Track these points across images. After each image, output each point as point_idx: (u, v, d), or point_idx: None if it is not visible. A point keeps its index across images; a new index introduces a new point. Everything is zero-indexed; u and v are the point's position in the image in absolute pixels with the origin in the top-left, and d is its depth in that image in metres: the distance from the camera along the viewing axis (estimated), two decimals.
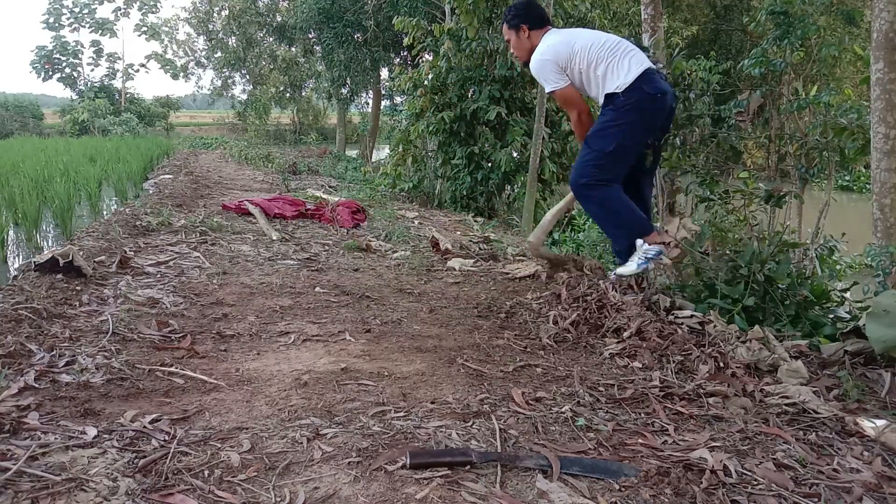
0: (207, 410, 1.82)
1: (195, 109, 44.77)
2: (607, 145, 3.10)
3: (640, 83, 3.05)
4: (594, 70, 3.17)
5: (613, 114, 3.11)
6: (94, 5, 27.37)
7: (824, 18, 5.01)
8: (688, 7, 15.88)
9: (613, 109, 3.12)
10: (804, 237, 4.12)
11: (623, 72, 3.09)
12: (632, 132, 3.10)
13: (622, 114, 3.08)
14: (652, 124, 3.15)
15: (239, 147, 16.17)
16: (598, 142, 3.14)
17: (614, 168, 3.15)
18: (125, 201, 7.01)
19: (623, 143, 3.09)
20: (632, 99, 3.06)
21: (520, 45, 3.41)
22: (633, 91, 3.05)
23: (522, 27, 3.38)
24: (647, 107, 3.07)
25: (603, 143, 3.11)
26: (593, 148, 3.16)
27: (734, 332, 2.54)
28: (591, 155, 3.16)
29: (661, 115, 3.17)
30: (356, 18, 16.92)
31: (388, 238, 4.70)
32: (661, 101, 3.11)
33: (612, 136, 3.10)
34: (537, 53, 3.29)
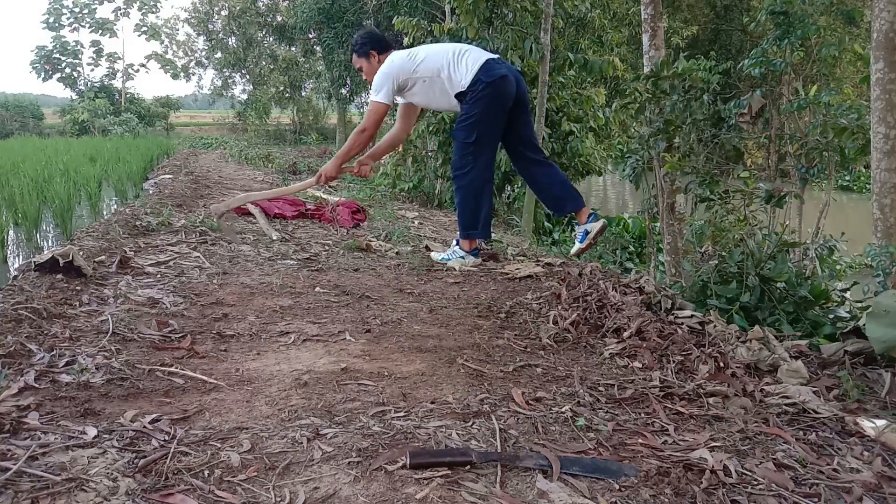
0: (207, 410, 1.82)
1: (195, 109, 44.81)
2: (468, 136, 3.53)
3: (479, 76, 3.45)
4: (439, 75, 3.56)
5: (466, 108, 3.53)
6: (94, 5, 27.39)
7: (824, 18, 5.01)
8: (688, 7, 15.89)
9: (466, 104, 3.53)
10: (804, 237, 4.12)
11: (463, 72, 3.50)
12: (485, 119, 3.49)
13: (472, 106, 3.50)
14: (502, 105, 3.51)
15: (239, 147, 16.18)
16: (461, 134, 3.58)
17: (482, 153, 3.57)
18: (125, 201, 7.01)
19: (482, 131, 3.51)
20: (476, 91, 3.46)
21: (372, 70, 3.74)
22: (475, 84, 3.46)
23: (372, 53, 3.76)
24: (491, 93, 3.46)
25: (465, 135, 3.55)
26: (458, 140, 3.62)
27: (734, 332, 2.54)
28: (458, 147, 3.63)
29: (509, 95, 3.52)
30: (356, 18, 16.93)
31: (388, 238, 4.70)
32: (503, 83, 3.47)
33: (471, 128, 3.51)
34: (384, 66, 3.65)
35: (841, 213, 12.56)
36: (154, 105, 29.41)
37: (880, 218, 3.14)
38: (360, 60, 3.81)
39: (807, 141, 3.84)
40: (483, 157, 3.60)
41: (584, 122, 8.93)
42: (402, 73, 3.59)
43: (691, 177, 3.72)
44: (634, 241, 9.01)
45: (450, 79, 3.53)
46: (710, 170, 3.77)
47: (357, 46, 3.80)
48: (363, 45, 3.77)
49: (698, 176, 3.71)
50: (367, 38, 3.81)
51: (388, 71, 3.60)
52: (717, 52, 11.97)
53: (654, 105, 4.42)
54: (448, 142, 7.20)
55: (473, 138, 3.52)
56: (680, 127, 3.75)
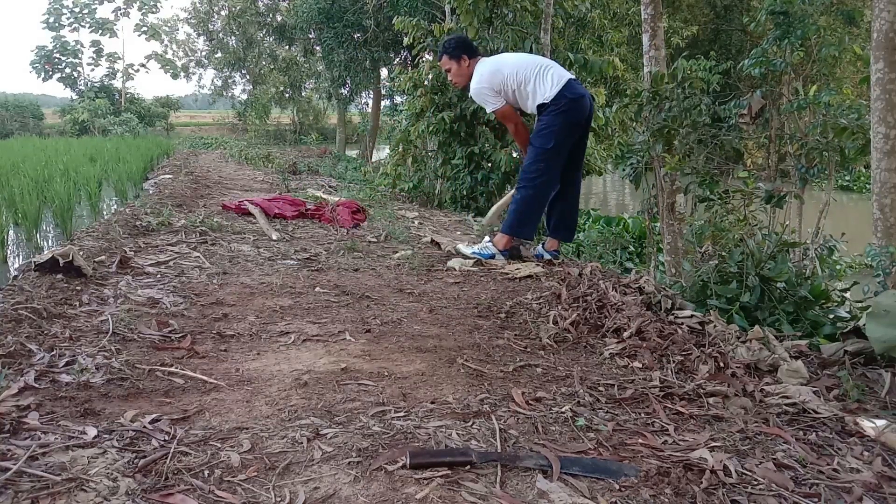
0: (207, 410, 1.82)
1: (195, 109, 44.80)
2: (547, 143, 3.78)
3: (564, 91, 3.75)
4: (524, 88, 3.86)
5: (548, 119, 3.80)
6: (94, 5, 27.35)
7: (824, 18, 5.01)
8: (688, 7, 15.89)
9: (547, 115, 3.80)
10: (804, 237, 4.12)
11: (549, 85, 3.79)
12: (563, 130, 3.78)
13: (553, 118, 3.78)
14: (577, 122, 3.82)
15: (239, 147, 16.17)
16: (539, 141, 3.82)
17: (555, 161, 3.83)
18: (125, 201, 7.01)
19: (559, 140, 3.78)
20: (559, 105, 3.75)
21: (460, 72, 4.07)
22: (559, 99, 3.75)
23: (463, 57, 4.04)
24: (571, 108, 3.76)
25: (543, 142, 3.80)
26: (536, 146, 3.84)
27: (734, 332, 2.54)
28: (535, 153, 3.83)
29: (583, 114, 3.84)
30: (356, 18, 16.92)
31: (387, 238, 4.70)
32: (582, 102, 3.80)
33: (549, 135, 3.78)
34: (475, 82, 3.96)
35: (841, 213, 12.56)
36: (154, 105, 29.37)
37: (880, 218, 3.14)
38: (451, 62, 4.08)
39: (807, 141, 3.84)
40: (555, 165, 3.85)
41: None
42: (494, 82, 3.91)
43: (691, 177, 3.72)
44: (634, 241, 9.01)
45: (534, 92, 3.83)
46: (710, 170, 3.78)
47: (450, 49, 4.09)
48: (456, 48, 4.08)
49: (698, 176, 3.71)
50: (461, 42, 4.15)
51: (481, 85, 3.93)
52: (717, 52, 11.96)
53: (653, 107, 4.42)
54: (448, 142, 7.19)
55: (551, 145, 3.77)
56: (678, 129, 3.75)
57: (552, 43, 7.50)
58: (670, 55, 6.10)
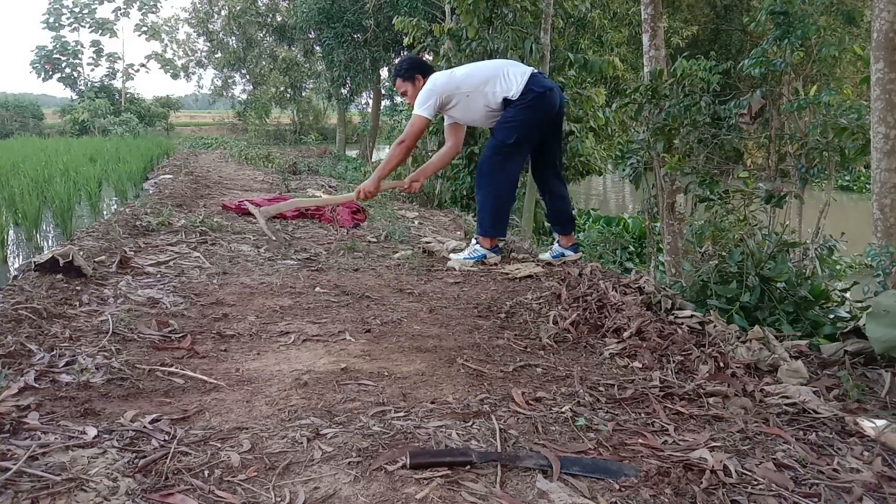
0: (207, 410, 1.82)
1: (195, 109, 44.78)
2: (509, 137, 3.66)
3: (530, 85, 3.63)
4: (483, 88, 3.70)
5: (513, 112, 3.66)
6: (94, 5, 27.33)
7: (824, 18, 5.01)
8: (688, 7, 15.88)
9: (513, 108, 3.66)
10: (804, 237, 4.12)
11: (513, 82, 3.65)
12: (529, 125, 3.66)
13: (520, 111, 3.64)
14: (545, 116, 3.69)
15: (239, 147, 16.16)
16: (501, 133, 3.70)
17: (515, 156, 3.73)
18: (125, 201, 7.01)
19: (522, 135, 3.66)
20: (527, 99, 3.62)
21: (416, 92, 3.85)
22: (525, 93, 3.62)
23: (417, 77, 3.90)
24: (539, 102, 3.63)
25: (505, 136, 3.67)
26: (497, 139, 3.72)
27: (734, 332, 2.54)
28: (494, 144, 3.73)
29: (552, 108, 3.71)
30: (356, 18, 16.91)
31: (387, 238, 4.70)
32: (550, 95, 3.66)
33: (513, 129, 3.66)
34: (428, 82, 3.80)
35: (841, 213, 12.56)
36: (154, 105, 29.36)
37: (880, 218, 3.14)
38: (405, 84, 3.95)
39: (807, 141, 3.84)
40: (514, 161, 3.75)
41: (584, 122, 8.92)
42: (446, 89, 3.74)
43: (691, 177, 3.72)
44: (634, 241, 9.01)
45: (494, 92, 3.69)
46: (710, 170, 3.77)
47: (402, 71, 3.96)
48: (409, 69, 3.94)
49: (698, 176, 3.70)
50: (413, 63, 4.00)
51: (433, 88, 3.75)
52: (717, 52, 11.96)
53: (653, 106, 4.42)
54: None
55: (513, 140, 3.66)
56: (678, 129, 3.75)
57: (552, 43, 7.50)
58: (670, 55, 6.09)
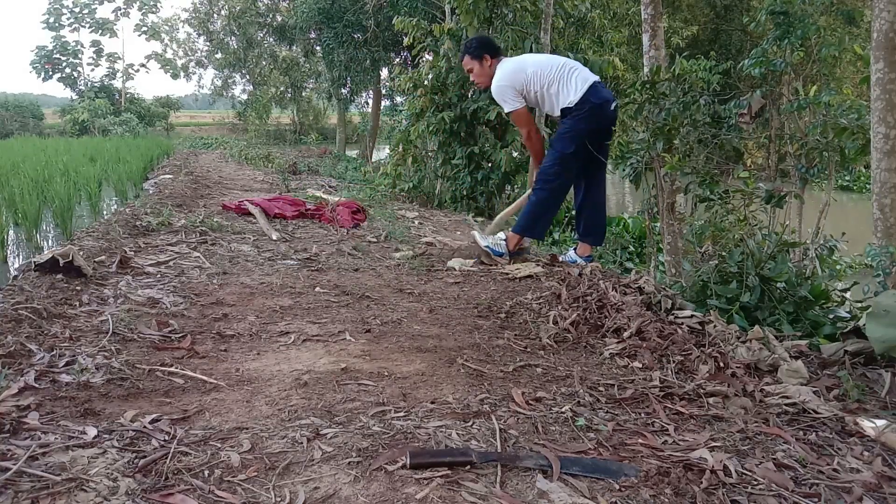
0: (207, 410, 1.82)
1: (195, 109, 44.77)
2: (568, 147, 3.78)
3: (588, 96, 3.72)
4: (547, 90, 3.82)
5: (570, 122, 3.78)
6: (94, 5, 27.33)
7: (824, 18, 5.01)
8: (688, 7, 15.88)
9: (570, 119, 3.78)
10: (804, 237, 4.12)
11: (573, 89, 3.75)
12: (584, 136, 3.75)
13: (577, 122, 3.76)
14: (601, 127, 3.81)
15: (239, 147, 16.17)
16: (560, 144, 3.82)
17: (572, 165, 3.83)
18: (125, 201, 7.01)
19: (579, 145, 3.76)
20: (583, 109, 3.72)
21: (483, 72, 4.01)
22: (583, 103, 3.72)
23: (485, 56, 3.99)
24: (595, 113, 3.74)
25: (564, 146, 3.79)
26: (556, 149, 3.83)
27: (734, 332, 2.54)
28: (555, 155, 3.84)
29: (607, 119, 3.82)
30: (356, 18, 16.91)
31: (387, 238, 4.70)
32: (606, 107, 3.77)
33: (570, 140, 3.77)
34: (496, 80, 3.89)
35: (841, 213, 12.55)
36: (154, 105, 29.36)
37: (880, 218, 3.14)
38: (473, 62, 4.04)
39: (807, 141, 3.84)
40: (573, 169, 3.87)
41: None
42: (516, 83, 3.85)
43: (691, 177, 3.71)
44: (634, 241, 9.00)
45: (558, 94, 3.79)
46: (710, 170, 3.77)
47: (472, 49, 4.06)
48: (478, 48, 4.03)
49: (698, 176, 3.70)
50: (483, 42, 4.11)
51: (503, 83, 3.86)
52: (717, 52, 11.97)
53: (653, 106, 4.41)
54: (448, 142, 7.19)
55: (572, 150, 3.76)
56: (678, 128, 3.74)
57: (552, 43, 7.50)
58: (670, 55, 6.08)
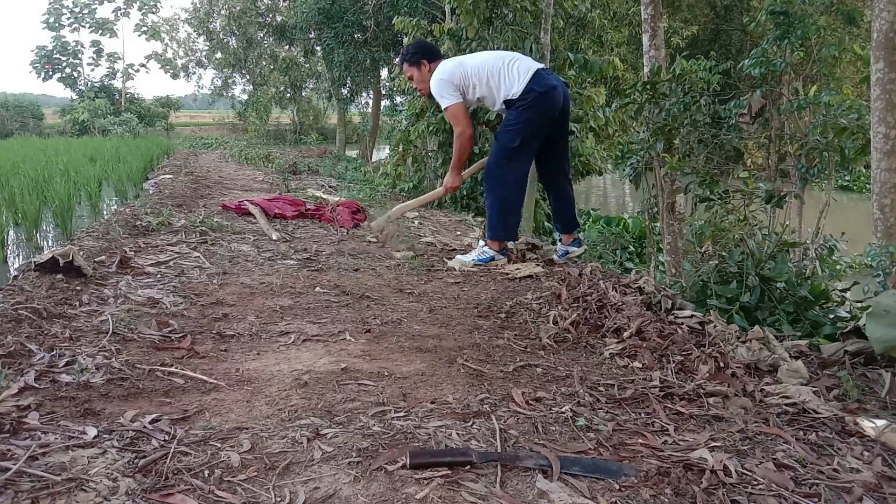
0: (207, 410, 1.82)
1: (195, 109, 44.77)
2: (512, 141, 3.62)
3: (532, 85, 3.54)
4: (488, 83, 3.65)
5: (515, 114, 3.61)
6: (94, 5, 27.33)
7: (824, 18, 5.01)
8: (688, 7, 15.87)
9: (514, 110, 3.61)
10: (804, 237, 4.12)
11: (515, 80, 3.58)
12: (532, 126, 3.59)
13: (521, 112, 3.58)
14: (549, 115, 3.61)
15: (239, 147, 16.16)
16: (504, 137, 3.66)
17: (521, 158, 3.69)
18: (125, 201, 7.01)
19: (525, 138, 3.60)
20: (528, 99, 3.54)
21: (423, 78, 3.84)
22: (527, 93, 3.54)
23: (423, 62, 3.85)
24: (541, 102, 3.55)
25: (509, 139, 3.63)
26: (501, 143, 3.69)
27: (734, 332, 2.54)
28: (499, 149, 3.70)
29: (556, 106, 3.62)
30: (356, 18, 16.90)
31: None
32: (553, 94, 3.57)
33: (516, 132, 3.61)
34: (435, 76, 3.73)
35: (841, 213, 12.55)
36: (154, 105, 29.36)
37: (880, 218, 3.14)
38: (411, 69, 3.91)
39: (807, 141, 3.84)
40: (520, 163, 3.72)
41: (584, 122, 8.92)
42: (456, 77, 3.71)
43: (691, 177, 3.72)
44: (634, 241, 9.00)
45: (499, 86, 3.64)
46: (710, 170, 3.77)
47: (408, 56, 3.92)
48: (414, 54, 3.90)
49: (698, 176, 3.70)
50: (419, 47, 3.97)
51: (443, 77, 3.72)
52: (717, 52, 11.95)
53: (653, 106, 4.42)
54: (448, 142, 7.19)
55: (517, 143, 3.62)
56: (678, 128, 3.75)
57: (552, 43, 7.50)
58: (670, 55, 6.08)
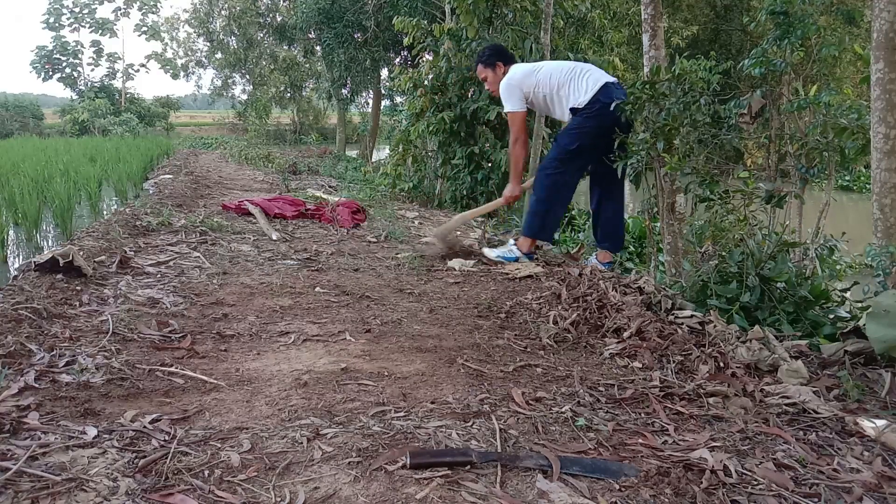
0: (207, 410, 1.82)
1: (195, 109, 44.80)
2: (571, 143, 3.76)
3: (598, 96, 3.70)
4: (557, 92, 3.82)
5: (578, 120, 3.76)
6: (94, 5, 27.36)
7: (824, 18, 5.00)
8: (688, 7, 15.88)
9: (578, 117, 3.76)
10: (804, 237, 4.11)
11: (584, 90, 3.74)
12: (591, 135, 3.73)
13: (584, 120, 3.74)
14: (608, 127, 3.69)
15: (239, 147, 16.16)
16: (564, 139, 3.80)
17: (574, 163, 3.81)
18: (125, 201, 7.01)
19: (583, 144, 3.74)
20: (593, 108, 3.70)
21: (496, 80, 4.00)
22: (592, 103, 3.70)
23: (498, 64, 4.04)
24: (603, 112, 3.67)
25: (568, 142, 3.77)
26: (560, 144, 3.81)
27: (734, 332, 2.54)
28: (557, 150, 3.83)
29: (615, 120, 3.69)
30: (356, 18, 16.90)
31: (387, 238, 4.70)
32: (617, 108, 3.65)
33: (575, 137, 3.75)
34: (507, 78, 3.90)
35: (841, 213, 12.55)
36: (154, 105, 29.38)
37: (880, 218, 3.14)
38: (486, 70, 4.09)
39: (807, 141, 3.83)
40: (574, 167, 3.83)
41: None
42: (525, 84, 3.85)
43: (691, 177, 3.71)
44: (634, 241, 8.99)
45: (568, 96, 3.78)
46: (710, 170, 3.77)
47: (484, 57, 4.10)
48: (490, 56, 4.08)
49: (698, 176, 3.69)
50: (495, 50, 4.15)
51: (512, 82, 3.86)
52: (717, 52, 11.95)
53: (653, 106, 4.41)
54: (448, 142, 7.19)
55: (575, 146, 3.74)
56: (678, 128, 3.74)
57: (552, 43, 7.50)
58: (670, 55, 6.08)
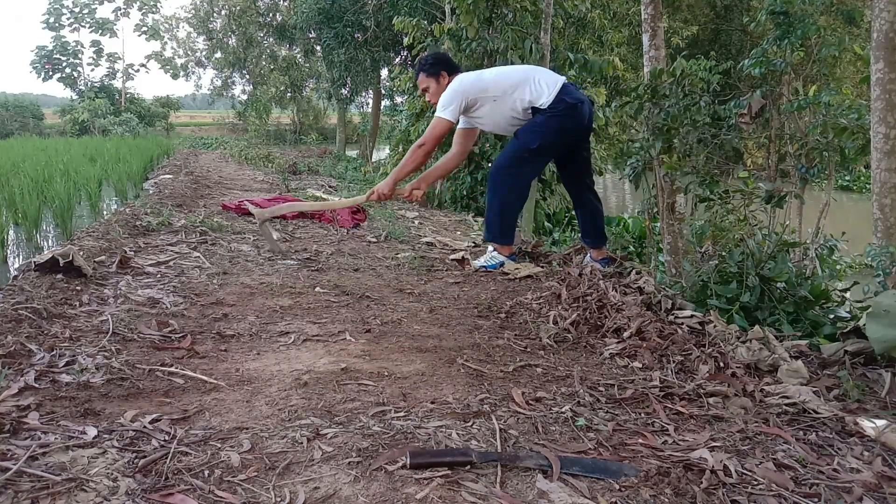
0: (207, 410, 1.82)
1: (195, 109, 44.78)
2: (532, 142, 3.54)
3: (562, 95, 3.50)
4: (511, 94, 3.55)
5: (542, 118, 3.52)
6: (94, 5, 27.37)
7: (824, 18, 5.00)
8: (688, 7, 15.87)
9: (542, 115, 3.52)
10: (804, 237, 4.11)
11: (544, 90, 3.52)
12: (555, 134, 3.54)
13: (549, 119, 3.51)
14: (573, 129, 3.57)
15: (239, 147, 16.16)
16: (525, 137, 3.57)
17: (533, 162, 3.66)
18: (125, 201, 7.01)
19: (545, 144, 3.54)
20: (558, 108, 3.49)
21: (439, 91, 3.70)
22: (557, 103, 3.49)
23: (442, 73, 3.73)
24: (570, 113, 3.51)
25: (529, 140, 3.55)
26: (520, 142, 3.60)
27: (734, 332, 2.54)
28: (516, 148, 3.62)
29: (581, 121, 3.58)
30: (356, 18, 16.90)
31: (387, 238, 4.70)
32: (581, 109, 3.54)
33: (538, 135, 3.53)
34: (451, 85, 3.62)
35: (841, 213, 12.55)
36: (154, 105, 29.39)
37: (880, 218, 3.14)
38: (429, 80, 3.78)
39: (807, 141, 3.84)
40: (531, 168, 3.68)
41: None
42: (472, 91, 3.58)
43: (691, 177, 3.72)
44: (634, 241, 9.00)
45: (522, 99, 3.54)
46: (710, 170, 3.77)
47: (427, 66, 3.78)
48: (434, 64, 3.77)
49: (698, 176, 3.70)
50: (439, 59, 3.84)
51: (458, 88, 3.59)
52: (717, 52, 11.96)
53: (653, 106, 4.42)
54: (448, 143, 7.20)
55: (536, 145, 3.54)
56: (678, 129, 3.75)
57: (552, 43, 7.50)
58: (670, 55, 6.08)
